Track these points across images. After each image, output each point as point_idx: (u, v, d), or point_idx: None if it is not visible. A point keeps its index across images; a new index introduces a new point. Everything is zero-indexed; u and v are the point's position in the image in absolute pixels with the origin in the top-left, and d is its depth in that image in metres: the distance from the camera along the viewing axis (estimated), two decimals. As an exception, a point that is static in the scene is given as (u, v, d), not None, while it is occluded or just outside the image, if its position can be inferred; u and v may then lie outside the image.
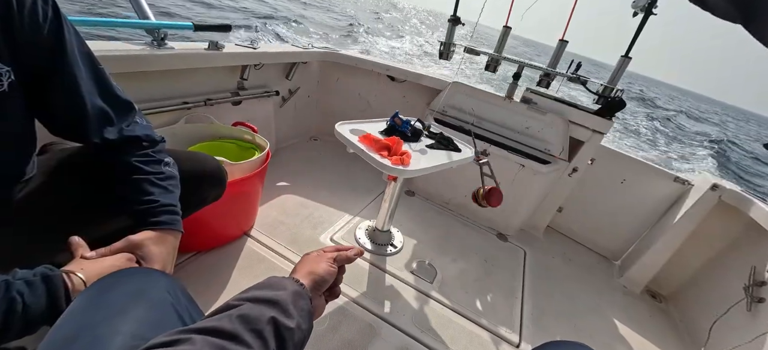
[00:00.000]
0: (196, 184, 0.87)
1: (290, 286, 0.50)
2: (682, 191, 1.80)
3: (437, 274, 1.46)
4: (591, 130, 1.72)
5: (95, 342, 0.38)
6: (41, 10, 0.57)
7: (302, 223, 1.54)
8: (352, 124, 1.24)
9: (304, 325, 0.47)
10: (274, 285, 0.49)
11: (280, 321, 0.43)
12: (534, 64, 1.72)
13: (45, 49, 0.58)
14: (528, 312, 1.41)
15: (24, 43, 0.56)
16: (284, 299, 0.46)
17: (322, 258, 0.60)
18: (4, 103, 0.55)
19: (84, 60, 0.64)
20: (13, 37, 0.55)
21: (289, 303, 0.46)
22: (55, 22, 0.59)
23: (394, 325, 1.16)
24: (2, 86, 0.55)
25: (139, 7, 1.17)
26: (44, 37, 0.58)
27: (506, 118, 1.83)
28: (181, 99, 1.38)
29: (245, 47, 1.56)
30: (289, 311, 0.45)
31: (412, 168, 1.04)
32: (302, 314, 0.47)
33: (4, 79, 0.55)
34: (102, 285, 0.46)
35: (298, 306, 0.47)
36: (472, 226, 1.89)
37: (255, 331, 0.40)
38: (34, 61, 0.58)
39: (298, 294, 0.49)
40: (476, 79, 9.30)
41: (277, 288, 0.48)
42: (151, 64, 1.16)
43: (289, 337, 0.43)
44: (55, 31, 0.59)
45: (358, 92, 2.34)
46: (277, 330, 0.42)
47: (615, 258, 2.01)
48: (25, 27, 0.55)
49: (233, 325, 0.39)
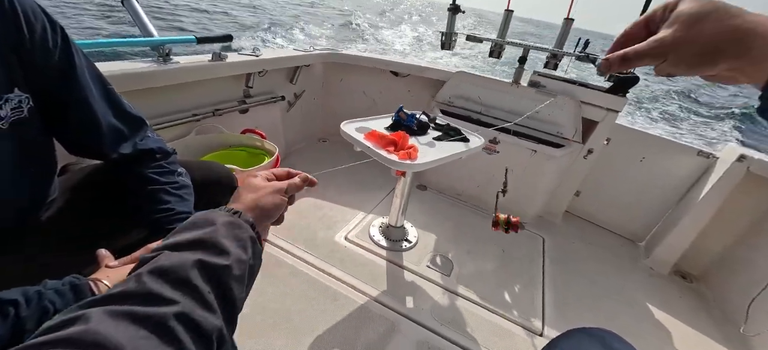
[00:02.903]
0: (208, 192, 0.89)
1: (220, 219, 0.42)
2: (706, 165, 1.72)
3: (454, 267, 1.44)
4: (604, 108, 1.66)
5: None
6: (51, 38, 0.60)
7: (317, 224, 1.55)
8: (357, 122, 1.24)
9: (245, 255, 0.41)
10: (198, 223, 0.42)
11: (210, 262, 0.36)
12: (540, 46, 1.67)
13: (57, 74, 0.61)
14: (550, 300, 1.38)
15: (38, 70, 0.58)
16: (212, 235, 0.39)
17: (268, 188, 0.52)
18: (25, 128, 0.58)
19: (95, 81, 0.67)
20: (28, 65, 0.58)
21: (221, 237, 0.39)
22: (65, 48, 0.62)
23: (413, 320, 1.16)
24: (22, 112, 0.58)
25: (142, 25, 1.19)
26: (55, 63, 0.60)
27: (515, 103, 1.79)
28: (190, 111, 1.41)
29: (248, 55, 1.58)
30: (221, 247, 0.38)
31: (419, 161, 1.03)
32: (241, 244, 0.41)
33: (24, 105, 0.58)
34: None
35: (233, 237, 0.41)
36: (487, 217, 1.86)
37: (176, 281, 0.33)
38: (49, 87, 0.60)
39: (233, 225, 0.42)
40: (491, 69, 9.20)
41: (202, 226, 0.41)
42: (158, 79, 1.19)
43: (226, 276, 0.37)
44: (65, 57, 0.62)
45: (363, 90, 2.34)
46: (208, 273, 0.35)
47: (639, 239, 1.94)
48: (37, 55, 0.58)
49: (142, 284, 0.32)
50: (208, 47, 1.43)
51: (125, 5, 1.22)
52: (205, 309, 0.33)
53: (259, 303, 1.12)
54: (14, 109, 0.57)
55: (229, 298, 0.37)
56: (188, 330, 0.31)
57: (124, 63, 1.14)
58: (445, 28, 1.72)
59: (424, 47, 13.10)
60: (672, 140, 1.80)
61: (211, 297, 0.34)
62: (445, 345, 1.10)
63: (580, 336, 0.53)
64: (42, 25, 0.58)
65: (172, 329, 0.30)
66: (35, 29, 0.57)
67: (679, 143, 1.77)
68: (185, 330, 0.31)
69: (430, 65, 2.10)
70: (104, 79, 0.69)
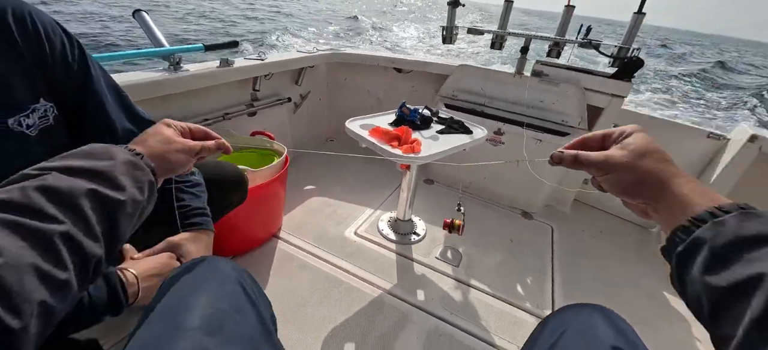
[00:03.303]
0: (220, 190, 0.94)
1: (121, 155, 0.41)
2: (717, 147, 1.70)
3: (463, 258, 1.47)
4: (609, 94, 1.65)
5: (187, 306, 0.44)
6: (69, 52, 0.65)
7: (327, 221, 1.59)
8: (361, 120, 1.27)
9: (140, 197, 0.40)
10: (95, 153, 0.39)
11: (105, 193, 0.35)
12: (541, 35, 1.67)
13: (76, 85, 0.66)
14: (560, 288, 1.39)
15: (59, 83, 0.63)
16: (110, 169, 0.38)
17: (179, 145, 0.51)
18: (52, 135, 0.63)
19: (110, 90, 0.72)
20: (50, 79, 0.62)
21: (119, 174, 0.38)
22: (82, 60, 0.66)
23: (424, 310, 1.19)
24: (48, 120, 0.63)
25: (153, 36, 1.25)
26: (74, 75, 0.65)
27: (518, 94, 1.80)
28: (201, 117, 1.46)
29: (254, 60, 1.62)
30: (117, 182, 0.37)
31: (423, 154, 1.06)
32: (139, 185, 0.40)
33: (50, 114, 0.63)
34: (187, 266, 0.53)
35: (131, 176, 0.40)
36: (494, 208, 1.87)
37: (65, 204, 0.32)
38: (68, 97, 0.65)
39: (133, 164, 0.41)
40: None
41: (99, 157, 0.39)
42: (170, 87, 1.25)
43: (119, 210, 0.37)
44: (82, 69, 0.66)
45: (367, 89, 2.37)
46: (99, 204, 0.35)
47: (651, 225, 1.92)
48: (58, 69, 0.63)
49: (28, 198, 0.31)
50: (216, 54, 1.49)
51: (136, 18, 1.28)
52: (89, 238, 0.34)
53: (271, 295, 1.17)
54: (41, 118, 0.62)
55: (115, 232, 0.37)
56: (71, 251, 0.32)
57: (137, 73, 1.20)
58: (446, 22, 1.73)
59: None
60: (681, 123, 1.77)
61: (97, 228, 0.34)
62: (456, 333, 1.12)
63: (572, 312, 0.54)
64: (61, 40, 0.63)
65: (55, 245, 0.30)
66: (55, 45, 0.62)
67: (689, 126, 1.75)
68: (68, 250, 0.31)
69: (435, 60, 2.12)
70: (118, 88, 0.74)
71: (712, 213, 0.34)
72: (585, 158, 0.44)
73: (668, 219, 0.39)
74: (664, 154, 0.41)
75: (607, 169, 0.43)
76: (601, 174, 0.44)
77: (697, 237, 0.34)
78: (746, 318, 0.28)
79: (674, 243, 0.37)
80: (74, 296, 0.32)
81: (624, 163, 0.41)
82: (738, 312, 0.29)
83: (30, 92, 0.60)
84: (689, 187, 0.38)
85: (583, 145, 0.47)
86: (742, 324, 0.28)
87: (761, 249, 0.30)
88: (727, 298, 0.30)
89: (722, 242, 0.32)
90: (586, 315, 0.51)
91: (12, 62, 0.57)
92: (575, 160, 0.45)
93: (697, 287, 0.33)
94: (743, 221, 0.32)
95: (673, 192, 0.39)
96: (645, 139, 0.42)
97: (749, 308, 0.28)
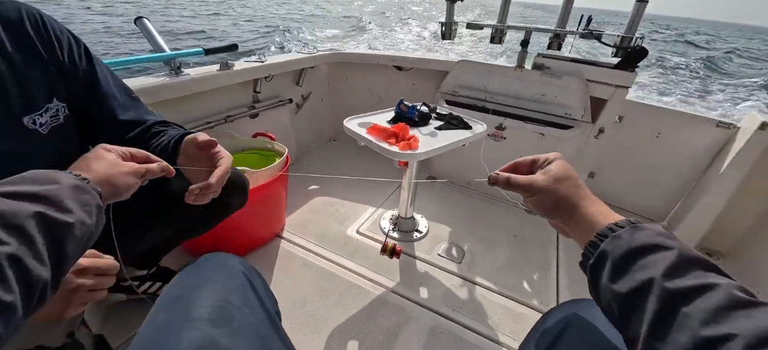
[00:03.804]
0: (221, 192, 0.95)
1: (66, 180, 0.40)
2: (727, 136, 1.65)
3: (465, 255, 1.46)
4: (613, 85, 1.62)
5: (195, 298, 0.46)
6: (77, 53, 0.68)
7: (329, 220, 1.60)
8: (360, 118, 1.27)
9: (88, 220, 0.39)
10: (37, 178, 0.38)
11: (51, 216, 0.35)
12: (542, 27, 1.65)
13: (83, 86, 0.69)
14: (565, 284, 1.37)
15: (69, 80, 0.67)
16: (55, 193, 0.37)
17: (125, 168, 0.51)
18: (62, 133, 0.66)
19: (118, 89, 0.75)
20: (62, 76, 0.66)
21: (65, 198, 0.38)
22: (88, 60, 0.70)
23: (426, 307, 1.19)
24: (59, 119, 0.66)
25: (154, 41, 1.27)
26: (82, 73, 0.68)
27: (520, 88, 1.78)
28: (204, 120, 1.48)
29: (254, 62, 1.64)
30: (63, 205, 0.37)
31: (420, 151, 1.05)
32: (86, 209, 0.40)
33: (61, 113, 0.66)
34: (195, 261, 0.55)
35: (78, 201, 0.39)
36: (497, 204, 1.86)
37: (10, 226, 0.32)
38: (77, 98, 0.68)
39: (79, 189, 0.40)
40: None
41: (43, 182, 0.38)
42: (172, 91, 1.27)
43: (66, 234, 0.36)
44: (89, 67, 0.70)
45: (368, 87, 2.37)
46: (45, 227, 0.34)
47: (660, 218, 1.88)
48: (67, 67, 0.66)
49: None
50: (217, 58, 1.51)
51: (138, 24, 1.31)
52: (36, 260, 0.33)
53: (275, 294, 1.18)
54: (53, 117, 0.65)
55: (62, 255, 0.36)
56: (16, 273, 0.31)
57: (140, 78, 1.22)
58: (445, 17, 1.72)
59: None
60: (688, 112, 1.73)
61: (43, 250, 0.34)
62: (458, 329, 1.12)
63: (573, 308, 0.54)
64: (67, 41, 0.66)
65: (1, 266, 0.30)
66: (64, 45, 0.65)
67: (697, 115, 1.70)
68: (14, 273, 0.31)
69: (435, 57, 2.11)
70: (126, 87, 0.77)
71: (610, 228, 0.40)
72: (514, 181, 0.50)
73: (579, 236, 0.45)
74: (576, 180, 0.48)
75: (531, 192, 0.49)
76: (527, 195, 0.50)
77: (602, 251, 0.39)
78: (644, 323, 0.32)
79: (586, 257, 0.42)
80: (18, 321, 0.31)
81: (544, 187, 0.48)
82: (640, 314, 0.33)
83: (44, 92, 0.63)
84: (594, 208, 0.45)
85: (515, 169, 0.54)
86: (641, 329, 0.32)
87: (648, 257, 0.35)
88: (629, 302, 0.35)
89: (619, 253, 0.37)
90: (587, 308, 0.51)
91: (29, 64, 0.60)
92: (507, 182, 0.51)
93: (607, 295, 0.38)
94: (633, 233, 0.38)
95: (581, 212, 0.45)
96: (563, 166, 0.49)
97: (645, 313, 0.32)
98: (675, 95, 8.17)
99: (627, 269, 0.36)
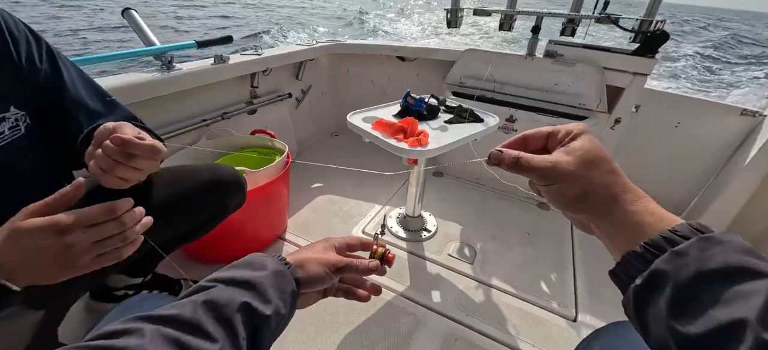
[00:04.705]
0: (215, 193, 0.88)
1: (271, 265, 0.43)
2: (752, 125, 1.56)
3: (477, 254, 1.39)
4: (631, 73, 1.53)
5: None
6: (36, 51, 0.60)
7: (333, 219, 1.53)
8: (364, 112, 1.19)
9: (283, 309, 0.41)
10: (253, 263, 0.43)
11: (255, 307, 0.38)
12: (554, 12, 1.56)
13: (47, 85, 0.61)
14: (582, 283, 1.30)
15: (27, 82, 0.59)
16: (262, 281, 0.40)
17: (322, 260, 0.49)
18: (23, 144, 0.58)
19: (87, 89, 0.67)
20: (18, 78, 0.58)
21: (268, 286, 0.40)
22: (51, 60, 0.62)
23: (438, 312, 1.12)
24: (20, 130, 0.58)
25: (143, 35, 1.19)
26: (44, 76, 0.61)
27: (531, 77, 1.69)
28: (199, 117, 1.41)
29: (250, 55, 1.55)
30: (266, 295, 0.40)
31: (431, 147, 0.98)
32: (283, 296, 0.42)
33: (21, 123, 0.58)
34: (111, 315, 0.47)
35: (278, 288, 0.42)
36: (509, 199, 1.78)
37: (222, 320, 0.35)
38: (39, 100, 0.60)
39: (281, 275, 0.43)
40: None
41: (255, 268, 0.42)
42: (163, 88, 1.19)
43: (263, 325, 0.38)
44: (52, 68, 0.62)
45: (371, 79, 2.28)
46: (249, 317, 0.37)
47: (679, 211, 1.80)
48: (24, 68, 0.58)
49: (196, 312, 0.34)
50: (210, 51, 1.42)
51: (126, 16, 1.22)
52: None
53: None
54: (12, 128, 0.57)
55: (256, 347, 0.38)
56: None
57: (128, 75, 1.14)
58: (450, 4, 1.63)
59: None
60: (710, 100, 1.64)
61: (244, 343, 0.36)
62: (474, 337, 1.05)
63: (617, 332, 0.46)
64: (25, 39, 0.58)
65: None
66: (19, 42, 0.57)
67: (719, 103, 1.62)
68: None
69: (440, 46, 2.02)
70: (100, 89, 0.69)
71: (668, 239, 0.30)
72: (527, 162, 0.37)
73: (616, 240, 0.35)
74: (611, 163, 0.36)
75: (550, 178, 0.36)
76: (543, 182, 0.37)
77: (656, 270, 0.29)
78: None
79: (627, 272, 0.32)
80: None
81: (570, 173, 0.35)
82: None
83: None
84: (640, 205, 0.34)
85: (524, 144, 0.41)
86: None
87: (733, 286, 0.26)
88: (702, 348, 0.25)
89: (686, 278, 0.27)
90: (637, 337, 0.43)
91: None
92: (516, 163, 0.38)
93: (663, 331, 0.28)
94: (705, 249, 0.28)
95: (622, 209, 0.34)
96: (593, 143, 0.36)
97: None
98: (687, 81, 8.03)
99: (699, 301, 0.26)
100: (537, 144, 0.40)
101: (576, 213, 0.37)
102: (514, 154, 0.38)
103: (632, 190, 0.35)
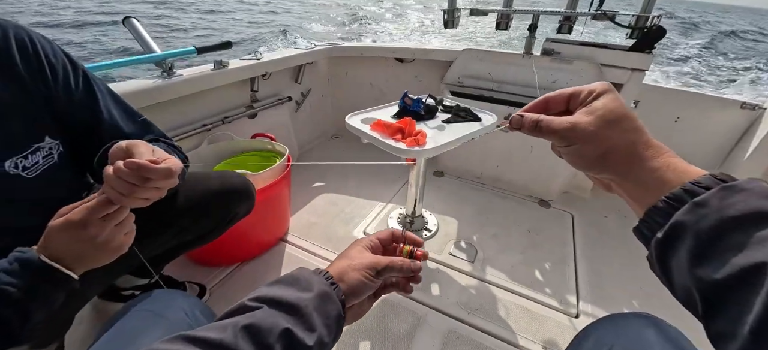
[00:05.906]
0: (226, 202, 0.90)
1: (317, 286, 0.41)
2: (752, 118, 1.56)
3: (478, 252, 1.39)
4: (629, 69, 1.53)
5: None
6: (73, 80, 0.61)
7: (334, 221, 1.54)
8: (362, 114, 1.21)
9: (327, 337, 0.39)
10: (300, 281, 0.41)
11: (296, 336, 0.36)
12: (550, 10, 1.56)
13: (80, 112, 0.63)
14: (584, 280, 1.30)
15: (64, 113, 0.60)
16: (306, 304, 0.38)
17: (358, 265, 0.46)
18: (56, 173, 0.60)
19: (118, 109, 0.69)
20: (56, 110, 0.59)
21: (312, 310, 0.38)
22: (87, 86, 0.63)
23: (440, 310, 1.13)
24: (53, 158, 0.60)
25: (143, 42, 1.21)
26: (79, 104, 0.62)
27: (529, 75, 1.70)
28: (199, 122, 1.42)
29: (249, 60, 1.57)
30: (310, 321, 0.38)
31: (429, 147, 0.99)
32: (327, 323, 0.40)
33: (55, 151, 0.60)
34: (126, 308, 0.48)
35: (323, 313, 0.40)
36: (510, 198, 1.78)
37: (261, 346, 0.34)
38: (74, 127, 0.62)
39: (326, 297, 0.41)
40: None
41: (302, 287, 0.40)
42: (164, 93, 1.21)
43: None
44: (87, 93, 0.63)
45: (370, 81, 2.29)
46: (289, 346, 0.36)
47: None
48: (62, 99, 0.59)
49: (235, 338, 0.33)
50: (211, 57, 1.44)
51: (126, 24, 1.24)
52: None
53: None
54: (46, 157, 0.59)
55: None
56: None
57: (129, 82, 1.16)
58: (447, 4, 1.64)
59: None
60: (709, 94, 1.64)
61: None
62: (475, 334, 1.06)
63: (613, 322, 0.47)
64: (63, 65, 0.59)
65: None
66: (57, 70, 0.58)
67: (718, 97, 1.62)
68: None
69: (437, 46, 2.03)
70: (132, 110, 0.72)
71: (689, 191, 0.29)
72: (547, 125, 0.37)
73: (638, 197, 0.34)
74: (635, 120, 0.35)
75: (571, 139, 0.35)
76: (563, 143, 0.36)
77: (677, 222, 0.29)
78: (746, 323, 0.23)
79: (650, 227, 0.32)
80: None
81: (591, 132, 0.34)
82: (737, 311, 0.24)
83: (33, 130, 0.57)
84: (663, 160, 0.33)
85: (545, 106, 0.40)
86: (741, 330, 0.23)
87: (752, 231, 0.25)
88: (724, 294, 0.25)
89: (707, 227, 0.27)
90: (635, 328, 0.44)
91: (15, 97, 0.54)
92: (536, 126, 0.37)
93: (686, 280, 0.28)
94: (726, 197, 0.27)
95: (644, 166, 0.33)
96: (616, 101, 0.35)
97: (749, 313, 0.23)
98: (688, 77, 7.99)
99: (720, 249, 0.26)
100: (559, 106, 0.39)
101: (598, 173, 0.37)
102: (534, 117, 0.38)
103: (655, 146, 0.34)
